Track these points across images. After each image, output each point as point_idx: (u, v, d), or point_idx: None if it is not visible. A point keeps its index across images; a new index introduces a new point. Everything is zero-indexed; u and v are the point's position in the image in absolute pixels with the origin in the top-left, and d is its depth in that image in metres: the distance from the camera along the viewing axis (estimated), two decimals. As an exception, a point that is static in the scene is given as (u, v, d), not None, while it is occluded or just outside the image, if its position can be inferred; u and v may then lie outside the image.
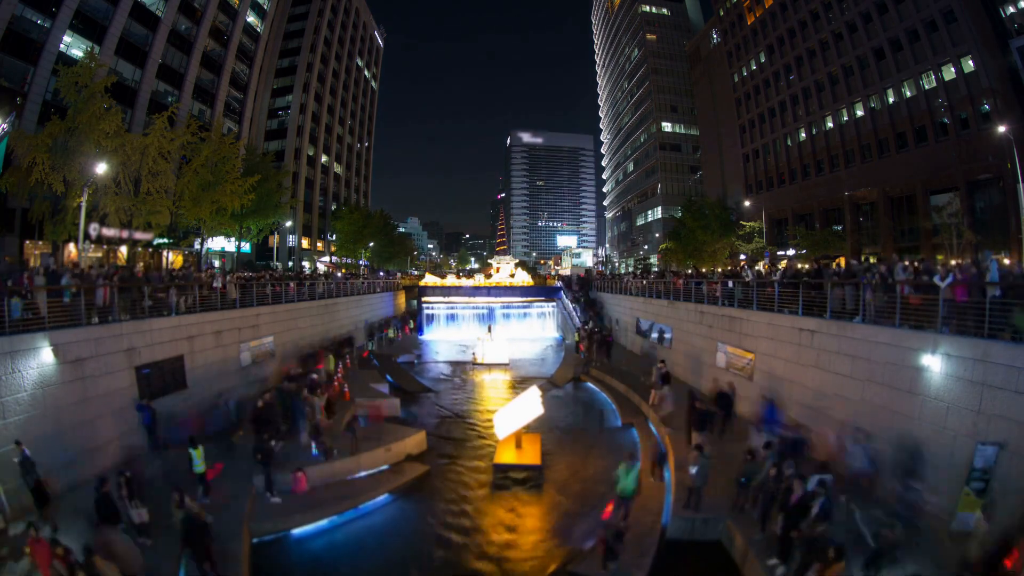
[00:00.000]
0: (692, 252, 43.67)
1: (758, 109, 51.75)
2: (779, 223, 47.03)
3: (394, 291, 39.45)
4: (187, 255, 37.33)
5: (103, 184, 20.23)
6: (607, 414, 18.30)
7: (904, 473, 8.82)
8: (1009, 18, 28.91)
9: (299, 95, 58.91)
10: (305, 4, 61.72)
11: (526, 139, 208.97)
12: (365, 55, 79.80)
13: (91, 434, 11.16)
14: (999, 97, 28.55)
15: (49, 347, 10.49)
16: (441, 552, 10.00)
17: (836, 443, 10.24)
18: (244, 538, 9.50)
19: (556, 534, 10.38)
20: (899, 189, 35.38)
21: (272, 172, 36.00)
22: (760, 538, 8.85)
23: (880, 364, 10.52)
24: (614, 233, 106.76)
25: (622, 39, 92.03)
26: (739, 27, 53.87)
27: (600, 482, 12.32)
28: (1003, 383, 8.18)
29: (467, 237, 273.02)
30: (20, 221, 24.40)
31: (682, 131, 78.13)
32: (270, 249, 54.21)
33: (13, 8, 25.13)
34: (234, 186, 26.47)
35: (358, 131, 77.82)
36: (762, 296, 15.63)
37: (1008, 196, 26.71)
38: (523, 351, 29.62)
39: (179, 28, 36.75)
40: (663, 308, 22.87)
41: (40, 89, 26.28)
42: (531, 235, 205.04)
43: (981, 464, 8.15)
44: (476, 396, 21.18)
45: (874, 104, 37.63)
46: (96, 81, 20.31)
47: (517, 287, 38.92)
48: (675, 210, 60.27)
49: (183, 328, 14.74)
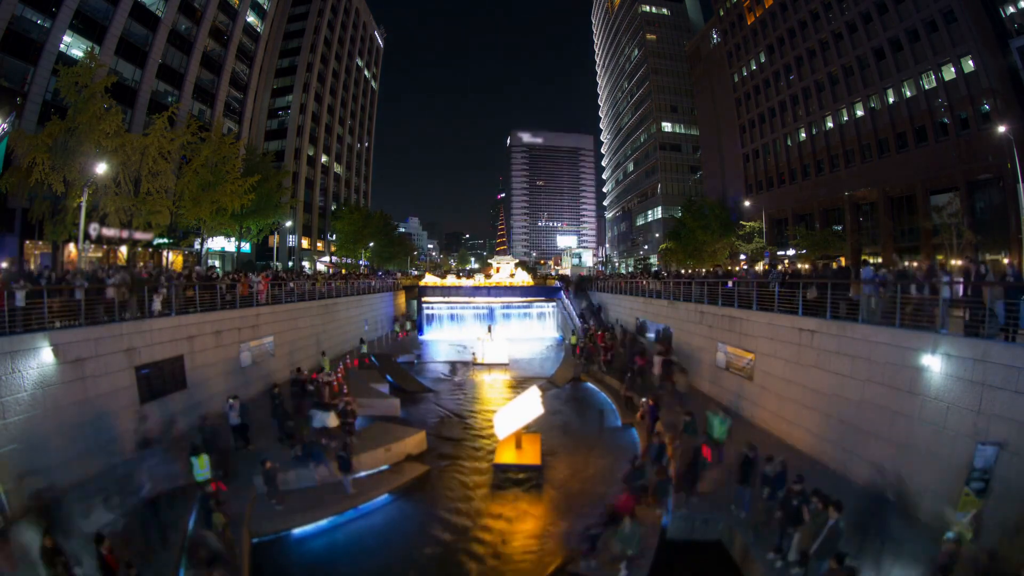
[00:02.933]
0: (692, 252, 43.68)
1: (758, 109, 51.73)
2: (779, 223, 47.01)
3: (394, 291, 39.45)
4: (187, 255, 37.34)
5: (103, 184, 20.22)
6: (607, 414, 18.31)
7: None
8: (1009, 18, 28.88)
9: (299, 95, 58.90)
10: (305, 4, 61.72)
11: (526, 139, 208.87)
12: (365, 55, 79.79)
13: (91, 434, 11.16)
14: (999, 97, 28.53)
15: (49, 347, 10.49)
16: (441, 552, 10.00)
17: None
18: (244, 538, 9.50)
19: (556, 534, 10.38)
20: (899, 189, 35.37)
21: (272, 172, 36.02)
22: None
23: (880, 364, 10.52)
24: (614, 233, 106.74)
25: (622, 39, 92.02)
26: (739, 27, 53.85)
27: (600, 482, 12.33)
28: (1003, 383, 8.18)
29: (467, 237, 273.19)
30: (20, 221, 24.41)
31: (682, 131, 78.12)
32: (270, 249, 54.19)
33: (13, 8, 25.11)
34: (234, 186, 26.47)
35: (358, 131, 77.82)
36: (763, 295, 15.62)
37: (1008, 196, 26.69)
38: (523, 351, 29.62)
39: (179, 28, 36.73)
40: (663, 308, 22.87)
41: (40, 89, 26.27)
42: (531, 235, 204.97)
43: (981, 464, 8.14)
44: (476, 396, 21.19)
45: (874, 104, 37.62)
46: (96, 81, 20.32)
47: (517, 287, 38.94)
48: (675, 210, 60.32)
49: (183, 328, 14.74)
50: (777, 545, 8.60)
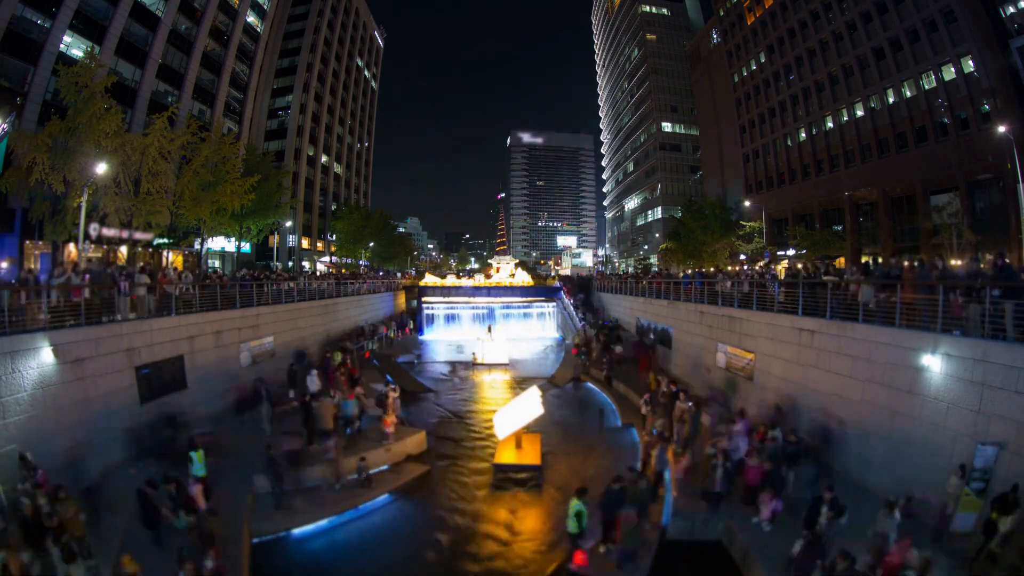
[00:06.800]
0: (692, 252, 43.67)
1: (758, 109, 51.73)
2: (779, 223, 47.01)
3: (394, 291, 39.43)
4: (187, 255, 37.34)
5: (103, 184, 20.19)
6: (607, 414, 18.30)
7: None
8: (1009, 18, 28.89)
9: (299, 95, 58.90)
10: (305, 4, 61.71)
11: (526, 139, 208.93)
12: (365, 55, 79.80)
13: (91, 434, 11.15)
14: (999, 97, 28.54)
15: (49, 347, 10.49)
16: (441, 552, 10.00)
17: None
18: (244, 538, 9.50)
19: (556, 534, 10.38)
20: (899, 189, 35.37)
21: (272, 172, 35.96)
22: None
23: (880, 364, 10.52)
24: (614, 233, 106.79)
25: (622, 39, 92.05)
26: (739, 27, 53.86)
27: (600, 482, 12.30)
28: (1003, 383, 8.18)
29: (467, 237, 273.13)
30: (20, 221, 24.40)
31: (682, 131, 78.14)
32: (270, 249, 54.19)
33: (13, 8, 25.10)
34: (234, 186, 26.44)
35: (358, 131, 77.83)
36: (763, 295, 15.63)
37: (1008, 196, 26.71)
38: (523, 351, 29.61)
39: (179, 28, 36.72)
40: (663, 308, 22.86)
41: (40, 89, 26.26)
42: (531, 235, 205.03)
43: (981, 464, 8.15)
44: (476, 396, 21.18)
45: (874, 104, 37.63)
46: (96, 81, 20.27)
47: (517, 287, 38.89)
48: (675, 210, 60.29)
49: (183, 328, 14.73)
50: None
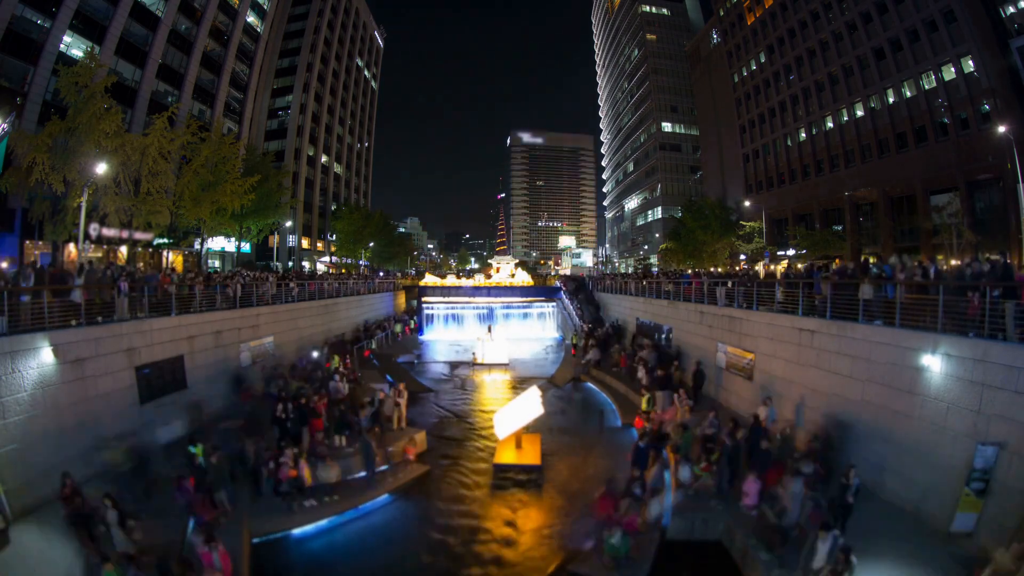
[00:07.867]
0: (692, 252, 43.67)
1: (758, 109, 51.73)
2: (779, 223, 47.01)
3: (394, 291, 39.45)
4: (187, 255, 37.34)
5: (103, 184, 20.21)
6: (607, 414, 18.29)
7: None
8: (1009, 18, 28.88)
9: (299, 95, 58.91)
10: (305, 4, 61.72)
11: (526, 139, 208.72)
12: (365, 55, 79.79)
13: (91, 434, 11.16)
14: (999, 97, 28.53)
15: (49, 347, 10.48)
16: (441, 552, 9.99)
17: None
18: (244, 538, 9.49)
19: (556, 534, 10.38)
20: (899, 189, 35.36)
21: (272, 172, 36.01)
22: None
23: (880, 364, 10.51)
24: (614, 233, 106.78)
25: (622, 39, 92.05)
26: (739, 27, 53.86)
27: (600, 482, 12.28)
28: (1003, 383, 8.18)
29: (467, 237, 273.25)
30: (20, 221, 24.40)
31: (682, 131, 78.16)
32: (270, 249, 54.20)
33: (13, 8, 25.11)
34: (234, 186, 26.47)
35: (358, 131, 77.82)
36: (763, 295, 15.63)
37: (1008, 196, 26.70)
38: (523, 351, 29.60)
39: (179, 28, 36.73)
40: (663, 308, 22.86)
41: (40, 89, 26.27)
42: (531, 235, 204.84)
43: (981, 464, 8.14)
44: (476, 396, 21.17)
45: (874, 104, 37.62)
46: (96, 81, 20.30)
47: (517, 287, 38.90)
48: (675, 210, 60.31)
49: (183, 328, 14.74)
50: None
